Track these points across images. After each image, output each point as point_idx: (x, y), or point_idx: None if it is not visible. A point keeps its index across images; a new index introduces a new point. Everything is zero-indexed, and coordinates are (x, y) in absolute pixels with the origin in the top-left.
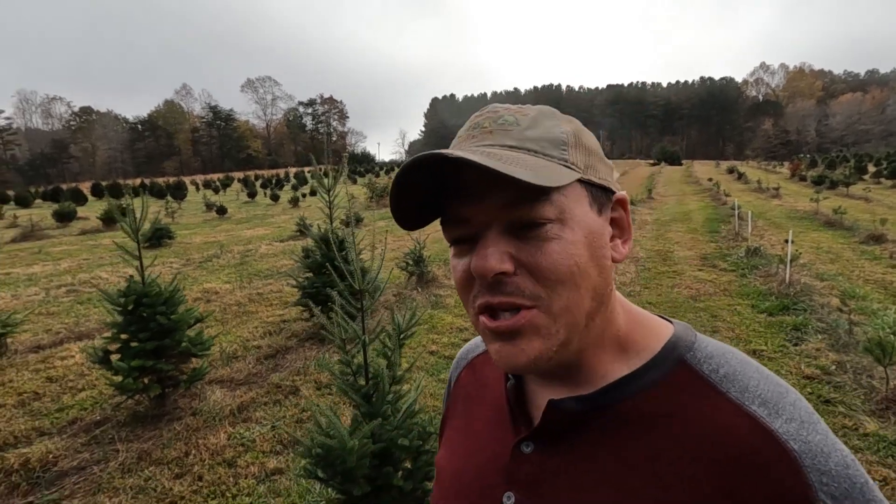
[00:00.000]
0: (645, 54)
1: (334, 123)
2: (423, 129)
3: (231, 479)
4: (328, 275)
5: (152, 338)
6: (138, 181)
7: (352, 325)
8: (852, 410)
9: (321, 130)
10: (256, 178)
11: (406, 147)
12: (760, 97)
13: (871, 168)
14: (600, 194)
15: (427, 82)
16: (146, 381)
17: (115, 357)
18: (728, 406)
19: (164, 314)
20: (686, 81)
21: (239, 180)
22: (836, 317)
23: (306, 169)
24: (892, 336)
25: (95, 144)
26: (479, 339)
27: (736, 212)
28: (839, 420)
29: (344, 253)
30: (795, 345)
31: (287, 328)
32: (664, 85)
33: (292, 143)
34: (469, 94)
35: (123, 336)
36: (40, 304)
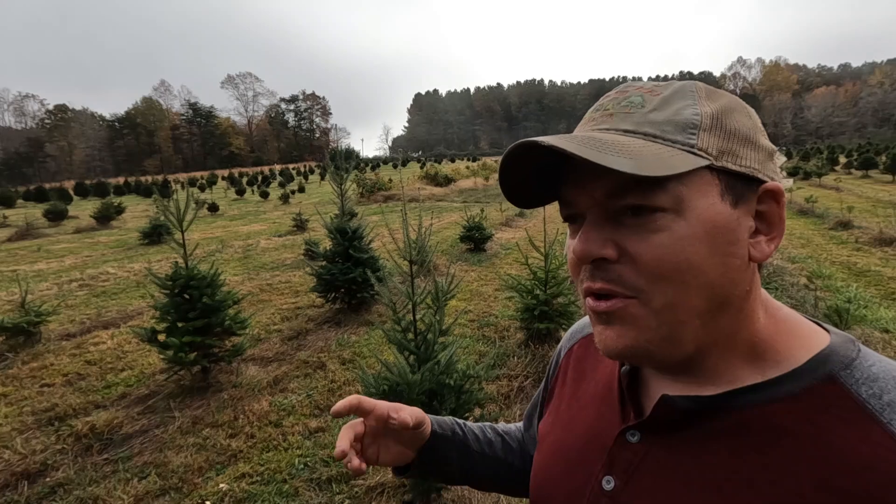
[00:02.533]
0: (626, 49)
1: (317, 120)
2: (407, 124)
3: (280, 436)
4: (341, 262)
5: (199, 316)
6: (121, 180)
7: (402, 289)
8: None
9: (304, 127)
10: (241, 175)
11: (390, 143)
12: (738, 91)
13: (843, 159)
14: (738, 184)
15: (410, 78)
16: (193, 356)
17: (162, 336)
18: (886, 439)
19: (208, 296)
20: (666, 76)
21: (224, 178)
22: (803, 293)
23: (291, 166)
24: (847, 304)
25: (73, 143)
26: (584, 321)
27: None
28: None
29: (357, 242)
30: None
31: (302, 314)
32: (644, 79)
33: (275, 139)
34: (452, 90)
35: (168, 317)
36: (56, 297)
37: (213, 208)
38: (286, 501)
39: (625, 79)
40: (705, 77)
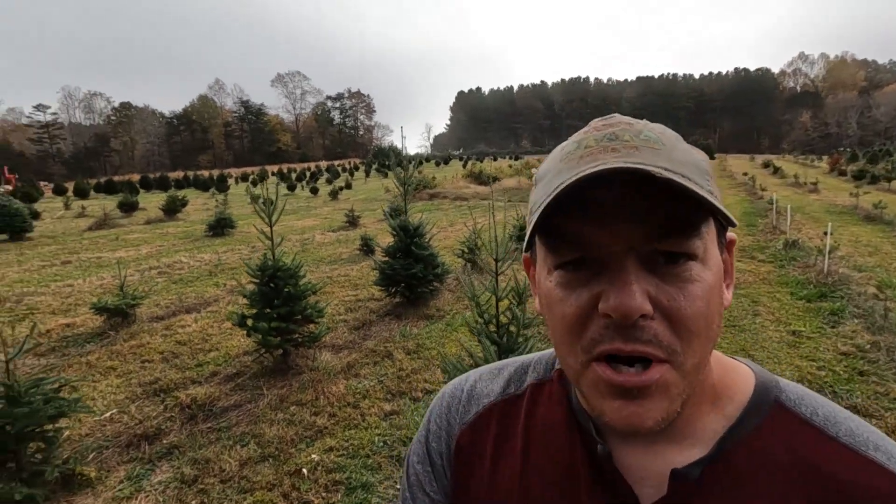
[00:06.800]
0: (675, 45)
1: (361, 117)
2: (449, 122)
3: (359, 416)
4: (402, 258)
5: (283, 304)
6: (180, 174)
7: (486, 285)
8: (884, 380)
9: (349, 124)
10: (289, 171)
11: (431, 140)
12: (798, 88)
13: None
14: (722, 233)
15: (453, 76)
16: (278, 340)
17: (250, 321)
18: (845, 452)
19: (292, 285)
20: (720, 72)
21: (273, 174)
22: (872, 303)
23: (336, 162)
24: None
25: (134, 138)
26: (471, 382)
27: (774, 206)
28: (872, 387)
29: (418, 239)
30: (833, 327)
31: (364, 306)
32: (696, 77)
33: (321, 136)
34: (495, 88)
35: (256, 304)
36: (139, 283)
37: (269, 203)
38: (371, 473)
39: (674, 76)
40: (763, 74)
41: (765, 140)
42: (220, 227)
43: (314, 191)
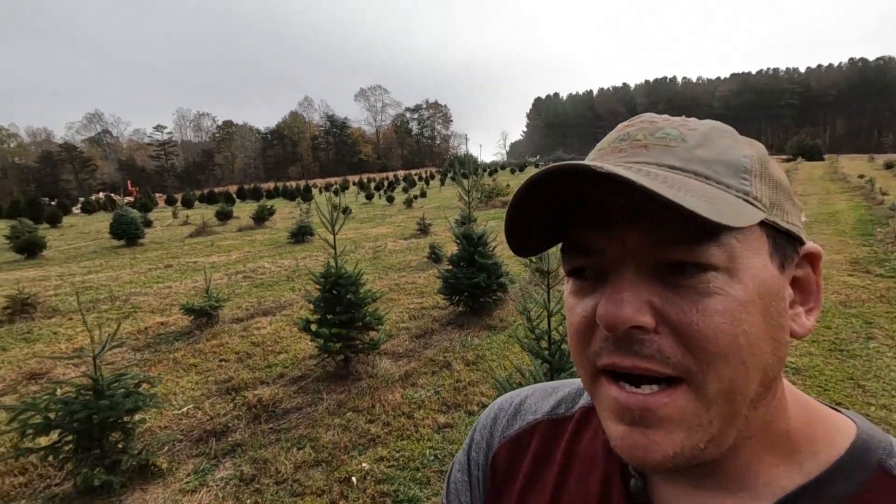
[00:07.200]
0: (773, 36)
1: (438, 127)
2: (525, 129)
3: (412, 427)
4: (466, 267)
5: (344, 311)
6: (271, 185)
7: (538, 298)
8: None
9: (426, 135)
10: (369, 180)
11: (507, 148)
12: None
13: None
14: (785, 243)
15: (530, 83)
16: (339, 346)
17: (314, 327)
18: None
19: (352, 293)
20: (830, 65)
21: (354, 183)
22: None
23: (413, 171)
24: None
25: (235, 153)
26: (522, 397)
27: None
28: None
29: (482, 248)
30: None
31: (427, 314)
32: (802, 70)
33: (399, 147)
34: (574, 92)
35: (320, 310)
36: (226, 286)
37: (346, 211)
38: (419, 488)
39: (775, 71)
40: (885, 63)
41: (888, 137)
42: (301, 234)
43: (390, 199)
